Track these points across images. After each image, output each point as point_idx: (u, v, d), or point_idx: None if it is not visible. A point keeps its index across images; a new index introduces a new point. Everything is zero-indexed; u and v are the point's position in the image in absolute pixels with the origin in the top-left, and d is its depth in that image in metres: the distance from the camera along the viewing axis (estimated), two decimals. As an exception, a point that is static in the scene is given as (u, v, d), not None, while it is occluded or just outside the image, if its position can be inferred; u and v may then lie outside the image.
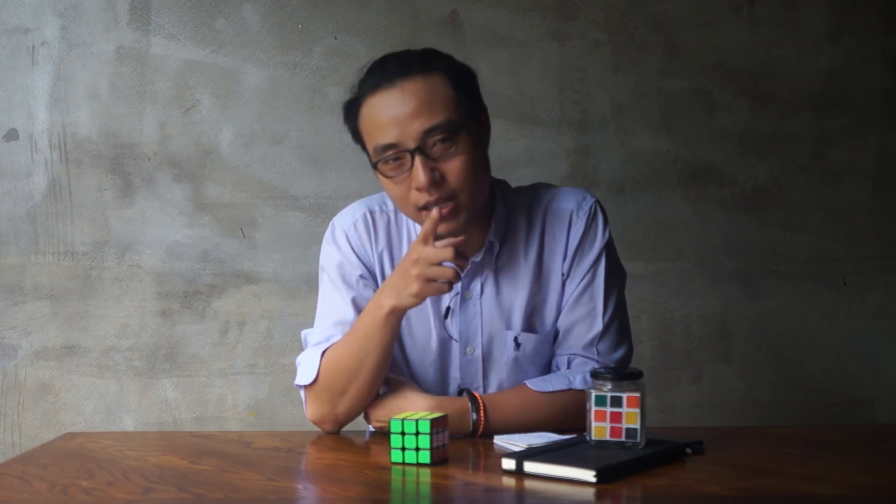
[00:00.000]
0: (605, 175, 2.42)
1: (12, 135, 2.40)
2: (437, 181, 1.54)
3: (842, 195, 2.44)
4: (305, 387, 1.63)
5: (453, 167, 1.55)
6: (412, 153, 1.54)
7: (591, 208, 1.69)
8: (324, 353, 1.62)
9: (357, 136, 1.63)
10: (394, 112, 1.54)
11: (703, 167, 2.43)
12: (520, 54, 2.41)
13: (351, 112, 1.62)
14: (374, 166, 1.59)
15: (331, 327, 1.66)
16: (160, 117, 2.40)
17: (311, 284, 2.38)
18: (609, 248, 1.70)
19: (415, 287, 1.52)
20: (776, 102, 2.43)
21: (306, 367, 1.63)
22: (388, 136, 1.55)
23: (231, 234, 2.41)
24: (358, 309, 1.65)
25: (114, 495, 1.25)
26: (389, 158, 1.55)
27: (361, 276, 1.68)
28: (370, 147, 1.59)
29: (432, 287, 1.52)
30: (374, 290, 1.66)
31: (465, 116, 1.57)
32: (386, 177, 1.57)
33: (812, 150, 2.44)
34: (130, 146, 2.40)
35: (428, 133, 1.54)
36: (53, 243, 2.40)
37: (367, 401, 1.61)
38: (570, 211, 1.69)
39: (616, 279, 1.71)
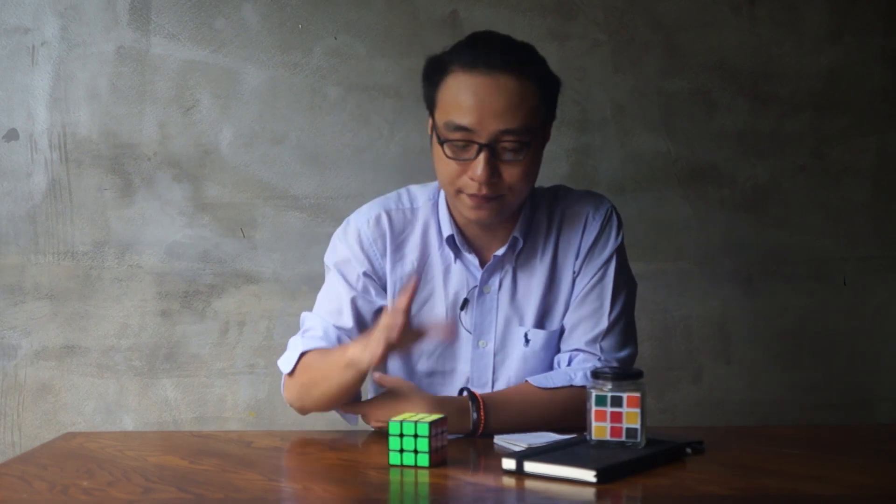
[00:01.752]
0: (605, 175, 2.42)
1: (12, 135, 2.40)
2: (493, 181, 1.57)
3: (842, 195, 2.44)
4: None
5: (513, 173, 1.59)
6: (481, 147, 1.56)
7: (607, 212, 1.72)
8: (303, 353, 1.64)
9: (430, 100, 1.64)
10: (481, 100, 1.56)
11: (703, 167, 2.43)
12: (520, 54, 2.40)
13: (434, 76, 1.62)
14: (439, 140, 1.60)
15: (325, 316, 1.69)
16: (160, 117, 2.40)
17: (311, 284, 2.38)
18: (620, 253, 1.72)
19: (373, 346, 1.49)
20: (776, 102, 2.43)
21: (288, 357, 1.66)
22: (465, 119, 1.56)
23: (231, 234, 2.41)
24: (353, 302, 1.67)
25: (114, 495, 1.25)
26: (458, 141, 1.57)
27: (365, 274, 1.69)
28: (441, 120, 1.60)
29: (382, 351, 1.49)
30: (375, 289, 1.69)
31: (539, 128, 1.61)
32: (447, 156, 1.59)
33: (812, 150, 2.44)
34: (130, 146, 2.40)
35: (502, 133, 1.56)
36: (53, 243, 2.40)
37: (335, 405, 1.63)
38: (587, 214, 1.72)
39: (626, 283, 1.72)
